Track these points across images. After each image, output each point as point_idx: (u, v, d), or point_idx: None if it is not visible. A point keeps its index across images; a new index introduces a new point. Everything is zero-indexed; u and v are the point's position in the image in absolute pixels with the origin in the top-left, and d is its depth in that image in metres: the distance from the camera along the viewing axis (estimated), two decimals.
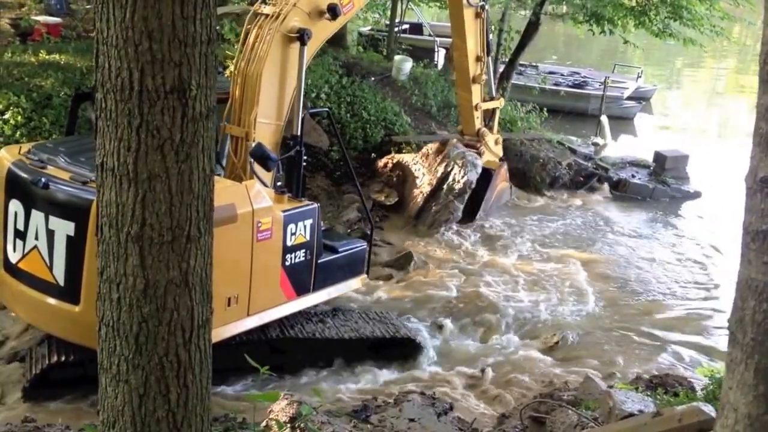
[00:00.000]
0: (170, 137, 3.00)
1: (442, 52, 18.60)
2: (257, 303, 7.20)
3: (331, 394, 7.39)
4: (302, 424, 4.98)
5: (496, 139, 12.12)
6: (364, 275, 8.55)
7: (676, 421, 4.09)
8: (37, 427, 5.56)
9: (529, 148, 13.69)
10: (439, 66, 17.63)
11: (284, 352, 7.71)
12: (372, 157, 12.45)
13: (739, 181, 2.53)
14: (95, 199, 3.29)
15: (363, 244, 8.50)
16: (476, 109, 11.63)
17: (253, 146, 7.31)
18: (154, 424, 3.27)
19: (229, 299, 6.90)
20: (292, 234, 7.38)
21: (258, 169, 7.34)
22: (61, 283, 6.62)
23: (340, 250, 8.14)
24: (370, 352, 8.09)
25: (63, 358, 6.85)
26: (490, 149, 11.92)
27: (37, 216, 6.65)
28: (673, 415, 4.15)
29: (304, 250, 7.54)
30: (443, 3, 17.00)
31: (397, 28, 17.99)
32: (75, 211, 6.45)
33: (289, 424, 4.96)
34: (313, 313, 8.07)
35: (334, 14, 7.97)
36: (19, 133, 10.16)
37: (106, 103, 3.01)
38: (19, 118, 10.30)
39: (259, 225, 7.00)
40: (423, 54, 17.71)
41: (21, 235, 6.81)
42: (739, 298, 2.51)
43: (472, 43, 11.16)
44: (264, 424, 5.16)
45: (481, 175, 11.55)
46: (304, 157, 7.85)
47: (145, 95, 2.94)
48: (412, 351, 8.21)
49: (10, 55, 12.19)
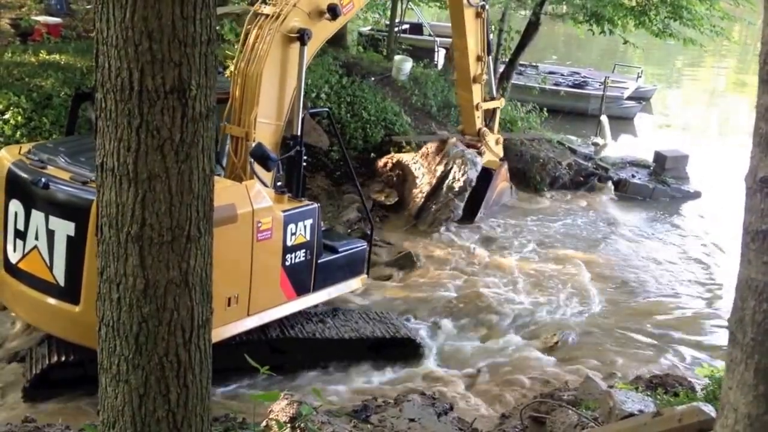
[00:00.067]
0: (170, 137, 3.00)
1: (442, 52, 18.58)
2: (257, 303, 7.20)
3: (331, 394, 7.38)
4: (302, 424, 4.98)
5: (497, 139, 12.13)
6: (364, 275, 8.55)
7: (676, 421, 4.09)
8: (37, 427, 5.55)
9: (529, 148, 13.68)
10: (439, 66, 17.60)
11: (284, 352, 7.71)
12: (372, 157, 12.43)
13: (739, 181, 2.54)
14: (95, 199, 3.29)
15: (363, 244, 8.50)
16: (477, 109, 11.64)
17: (253, 146, 7.31)
18: (154, 424, 3.27)
19: (229, 299, 6.90)
20: (292, 234, 7.38)
21: (258, 169, 7.34)
22: (61, 283, 6.62)
23: (340, 250, 8.14)
24: (370, 352, 8.08)
25: (63, 358, 6.85)
26: (490, 149, 11.93)
27: (37, 216, 6.65)
28: (673, 415, 4.15)
29: (304, 250, 7.54)
30: (443, 3, 17.00)
31: (397, 28, 17.97)
32: (75, 211, 6.45)
33: (289, 424, 4.96)
34: (313, 313, 8.07)
35: (334, 14, 7.97)
36: (19, 133, 10.15)
37: (106, 103, 3.01)
38: (19, 118, 10.29)
39: (259, 225, 7.00)
40: (423, 54, 17.70)
41: (21, 235, 6.81)
42: (739, 298, 2.51)
43: (473, 43, 11.17)
44: (264, 424, 5.16)
45: (482, 175, 11.56)
46: (304, 157, 7.85)
47: (145, 95, 2.94)
48: (412, 351, 8.20)
49: (10, 55, 12.18)
